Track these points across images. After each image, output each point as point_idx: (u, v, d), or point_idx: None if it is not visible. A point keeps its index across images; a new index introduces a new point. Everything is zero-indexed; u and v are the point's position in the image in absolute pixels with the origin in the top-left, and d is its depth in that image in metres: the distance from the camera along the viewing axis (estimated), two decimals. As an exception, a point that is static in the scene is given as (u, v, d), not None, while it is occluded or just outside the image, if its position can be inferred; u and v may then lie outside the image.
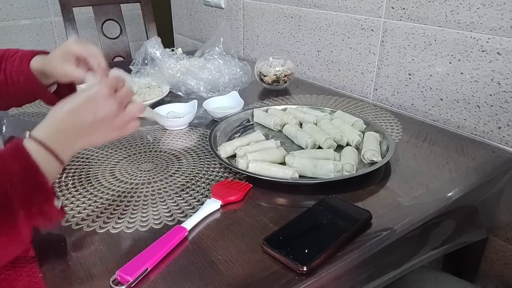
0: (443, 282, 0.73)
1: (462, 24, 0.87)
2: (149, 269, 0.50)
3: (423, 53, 0.96)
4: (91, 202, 0.65)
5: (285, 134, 0.88)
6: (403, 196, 0.66)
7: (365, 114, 0.99)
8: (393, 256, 0.61)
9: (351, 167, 0.71)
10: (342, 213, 0.60)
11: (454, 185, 0.70)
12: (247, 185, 0.68)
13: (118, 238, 0.57)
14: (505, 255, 0.90)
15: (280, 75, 1.15)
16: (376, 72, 1.09)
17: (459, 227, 0.73)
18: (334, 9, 1.16)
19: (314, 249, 0.52)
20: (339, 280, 0.52)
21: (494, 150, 0.83)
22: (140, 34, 2.41)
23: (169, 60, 1.07)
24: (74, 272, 0.51)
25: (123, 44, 1.67)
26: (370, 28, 1.07)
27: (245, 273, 0.50)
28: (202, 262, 0.52)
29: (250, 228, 0.58)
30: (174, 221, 0.60)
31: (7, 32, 2.15)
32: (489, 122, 0.87)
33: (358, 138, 0.80)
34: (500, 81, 0.83)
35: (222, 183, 0.68)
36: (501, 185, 0.78)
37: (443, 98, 0.95)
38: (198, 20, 1.89)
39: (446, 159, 0.78)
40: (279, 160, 0.75)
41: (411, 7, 0.96)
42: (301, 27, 1.30)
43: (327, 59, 1.24)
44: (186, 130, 0.92)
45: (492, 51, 0.83)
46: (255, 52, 1.57)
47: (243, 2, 1.54)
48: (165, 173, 0.74)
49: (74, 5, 1.57)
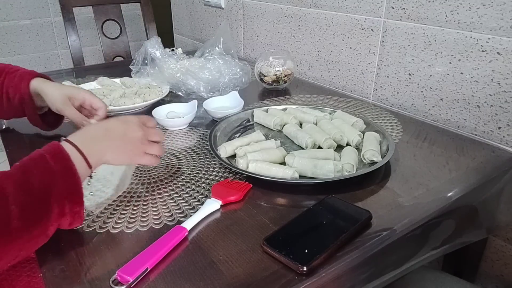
0: (443, 282, 0.73)
1: (462, 24, 0.87)
2: (149, 269, 0.50)
3: (423, 53, 0.96)
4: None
5: (285, 134, 0.88)
6: (403, 196, 0.66)
7: (365, 114, 0.99)
8: (393, 256, 0.61)
9: (351, 167, 0.71)
10: (342, 213, 0.60)
11: (454, 185, 0.70)
12: (247, 185, 0.68)
13: (118, 238, 0.57)
14: (505, 255, 0.90)
15: (280, 75, 1.15)
16: (376, 72, 1.09)
17: (459, 227, 0.73)
18: (334, 9, 1.16)
19: (314, 249, 0.52)
20: (339, 280, 0.52)
21: (494, 150, 0.83)
22: (140, 34, 2.41)
23: (169, 60, 1.07)
24: (74, 272, 0.51)
25: (123, 44, 1.67)
26: (370, 28, 1.07)
27: (245, 273, 0.50)
28: (202, 262, 0.52)
29: (250, 228, 0.58)
30: (174, 221, 0.60)
31: (7, 32, 2.15)
32: (489, 122, 0.87)
33: (358, 138, 0.80)
34: (500, 81, 0.83)
35: (222, 183, 0.68)
36: (501, 185, 0.78)
37: (443, 98, 0.95)
38: (198, 20, 1.89)
39: (446, 159, 0.78)
40: (279, 160, 0.75)
41: (411, 7, 0.96)
42: (301, 27, 1.30)
43: (327, 59, 1.24)
44: (186, 130, 0.92)
45: (492, 51, 0.83)
46: (255, 52, 1.57)
47: (243, 2, 1.54)
48: (165, 173, 0.74)
49: (74, 5, 1.57)
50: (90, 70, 1.45)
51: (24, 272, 0.69)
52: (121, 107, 1.00)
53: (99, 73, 1.27)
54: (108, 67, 1.50)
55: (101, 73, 1.26)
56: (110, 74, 1.23)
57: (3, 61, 2.36)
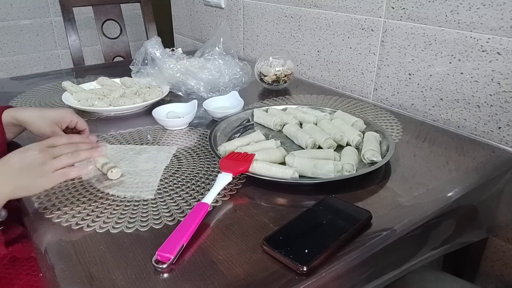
0: (443, 282, 0.73)
1: (462, 24, 0.87)
2: (184, 245, 0.53)
3: (423, 53, 0.96)
4: (91, 202, 0.65)
5: (285, 134, 0.88)
6: (403, 196, 0.66)
7: (365, 114, 0.99)
8: (393, 256, 0.61)
9: (351, 167, 0.71)
10: (342, 213, 0.60)
11: (454, 185, 0.70)
12: (251, 155, 0.71)
13: (118, 238, 0.57)
14: (505, 255, 0.90)
15: (280, 75, 1.15)
16: (376, 72, 1.09)
17: (459, 227, 0.73)
18: (334, 9, 1.16)
19: (314, 249, 0.52)
20: (339, 280, 0.52)
21: (494, 150, 0.83)
22: (140, 34, 2.41)
23: (169, 60, 1.07)
24: (74, 272, 0.51)
25: (123, 44, 1.67)
26: (370, 28, 1.07)
27: (245, 273, 0.50)
28: (202, 262, 0.52)
29: (250, 228, 0.58)
30: (174, 221, 0.60)
31: (7, 32, 2.15)
32: (489, 122, 0.87)
33: (358, 138, 0.80)
34: (500, 81, 0.83)
35: (227, 157, 0.71)
36: (501, 185, 0.78)
37: (443, 98, 0.95)
38: (198, 20, 1.89)
39: (446, 159, 0.78)
40: (279, 160, 0.75)
41: (411, 7, 0.96)
42: (301, 27, 1.30)
43: (327, 59, 1.24)
44: (186, 130, 0.92)
45: (492, 51, 0.83)
46: (255, 52, 1.57)
47: (243, 2, 1.54)
48: (165, 173, 0.74)
49: (74, 5, 1.57)
50: (90, 70, 1.45)
51: (24, 271, 0.69)
52: (121, 107, 1.00)
53: (99, 73, 1.27)
54: (108, 67, 1.50)
55: (101, 73, 1.26)
56: (110, 74, 1.23)
57: (3, 61, 2.37)
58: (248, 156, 0.71)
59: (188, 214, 0.58)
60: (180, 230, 0.55)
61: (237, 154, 0.72)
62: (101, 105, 1.00)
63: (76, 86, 1.11)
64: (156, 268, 0.50)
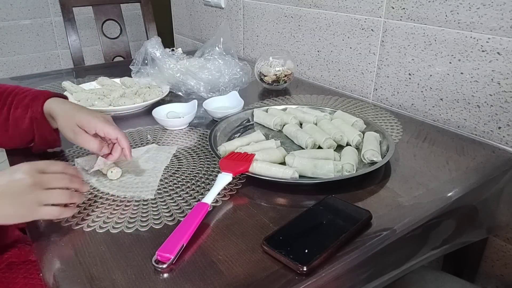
0: (443, 282, 0.73)
1: (462, 24, 0.87)
2: (184, 245, 0.53)
3: (423, 53, 0.96)
4: (91, 202, 0.65)
5: (285, 134, 0.88)
6: (403, 196, 0.66)
7: (365, 114, 0.99)
8: (393, 256, 0.61)
9: (351, 167, 0.71)
10: (342, 213, 0.60)
11: (454, 185, 0.70)
12: (251, 155, 0.70)
13: (118, 238, 0.57)
14: (505, 255, 0.90)
15: (280, 75, 1.15)
16: (376, 72, 1.09)
17: (459, 227, 0.73)
18: (334, 9, 1.16)
19: (314, 249, 0.52)
20: (339, 280, 0.52)
21: (494, 150, 0.83)
22: (140, 34, 2.41)
23: (169, 60, 1.07)
24: (74, 272, 0.51)
25: (123, 44, 1.67)
26: (370, 28, 1.07)
27: (245, 273, 0.50)
28: (202, 262, 0.52)
29: (250, 228, 0.58)
30: (174, 221, 0.60)
31: (7, 32, 2.16)
32: (489, 122, 0.87)
33: (358, 138, 0.80)
34: (500, 81, 0.83)
35: (227, 157, 0.71)
36: (501, 185, 0.78)
37: (443, 98, 0.95)
38: (198, 20, 1.89)
39: (446, 159, 0.78)
40: (279, 160, 0.75)
41: (411, 7, 0.96)
42: (301, 27, 1.30)
43: (327, 59, 1.24)
44: (186, 130, 0.92)
45: (492, 51, 0.83)
46: (255, 52, 1.57)
47: (243, 2, 1.54)
48: (165, 173, 0.74)
49: (74, 5, 1.57)
50: (90, 70, 1.45)
51: (21, 274, 0.69)
52: (121, 107, 1.00)
53: (99, 73, 1.27)
54: (108, 67, 1.50)
55: (101, 73, 1.26)
56: (110, 74, 1.23)
57: (3, 61, 2.37)
58: (248, 156, 0.71)
59: (188, 214, 0.58)
60: (180, 230, 0.55)
61: (237, 154, 0.72)
62: (101, 105, 1.00)
63: (76, 86, 1.11)
64: (156, 268, 0.50)
